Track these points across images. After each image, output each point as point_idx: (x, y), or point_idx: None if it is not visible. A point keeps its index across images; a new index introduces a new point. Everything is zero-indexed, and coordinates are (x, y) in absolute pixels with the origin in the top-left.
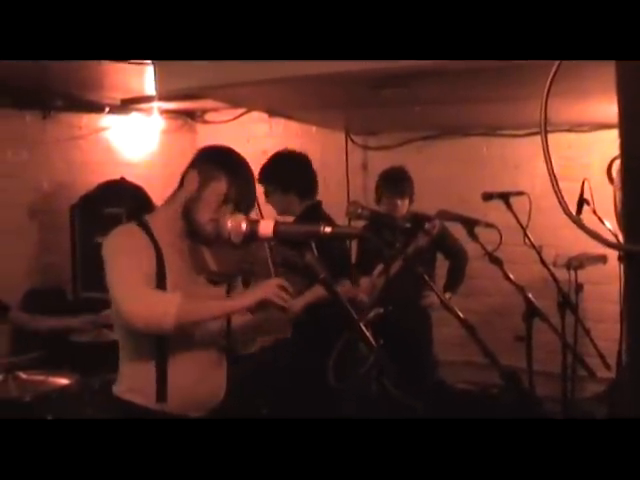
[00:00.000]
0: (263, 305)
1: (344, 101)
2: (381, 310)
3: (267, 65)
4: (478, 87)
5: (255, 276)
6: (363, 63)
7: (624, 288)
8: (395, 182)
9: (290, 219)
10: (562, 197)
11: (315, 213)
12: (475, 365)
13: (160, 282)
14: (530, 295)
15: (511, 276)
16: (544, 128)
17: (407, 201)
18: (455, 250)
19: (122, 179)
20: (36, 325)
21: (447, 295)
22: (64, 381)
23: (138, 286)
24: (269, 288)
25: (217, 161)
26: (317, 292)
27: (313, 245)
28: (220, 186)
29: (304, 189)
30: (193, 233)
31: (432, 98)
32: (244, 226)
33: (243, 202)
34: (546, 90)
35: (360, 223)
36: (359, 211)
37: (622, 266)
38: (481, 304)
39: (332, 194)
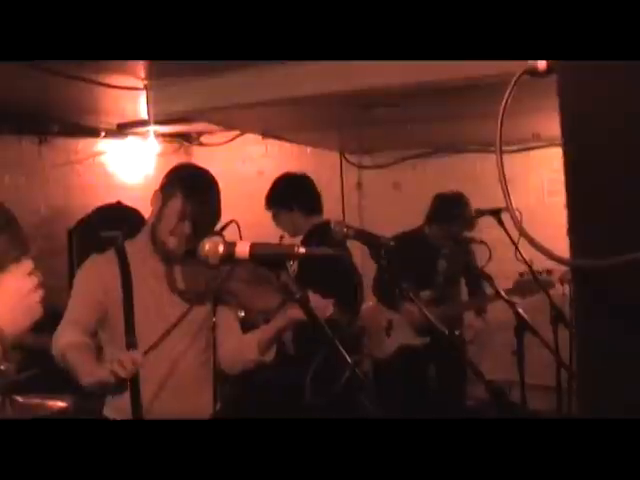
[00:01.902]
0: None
1: (337, 121)
2: (428, 338)
3: (259, 87)
4: (468, 104)
5: (225, 293)
6: (354, 83)
7: (572, 303)
8: (457, 209)
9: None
10: (514, 210)
11: (323, 232)
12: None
13: (127, 305)
14: (521, 310)
15: (501, 291)
16: (499, 145)
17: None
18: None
19: (119, 203)
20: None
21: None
22: (61, 404)
23: (68, 316)
24: (107, 366)
25: (174, 179)
26: (287, 317)
27: (289, 265)
28: (176, 204)
29: (307, 205)
30: (160, 252)
31: (424, 116)
32: (221, 248)
33: (200, 218)
34: (502, 107)
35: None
36: (344, 230)
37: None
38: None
39: (328, 213)
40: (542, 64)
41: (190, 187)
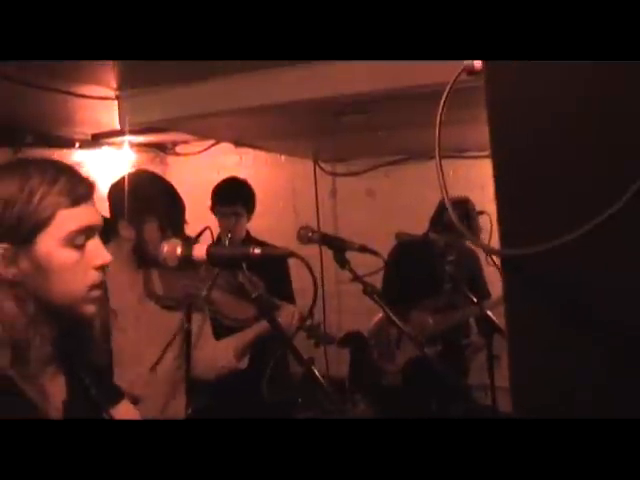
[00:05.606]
0: None
1: (310, 129)
2: (440, 347)
3: (231, 96)
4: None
5: (203, 301)
6: (324, 90)
7: (503, 294)
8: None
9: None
10: (453, 210)
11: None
12: None
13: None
14: (489, 312)
15: (470, 295)
16: (438, 152)
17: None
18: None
19: None
20: None
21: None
22: None
23: None
24: None
25: (138, 208)
26: (262, 325)
27: (244, 266)
28: (153, 226)
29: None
30: (151, 264)
31: (395, 123)
32: (179, 250)
33: (175, 222)
34: (439, 115)
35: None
36: (309, 235)
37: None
38: None
39: (302, 221)
40: (478, 63)
41: (157, 205)
